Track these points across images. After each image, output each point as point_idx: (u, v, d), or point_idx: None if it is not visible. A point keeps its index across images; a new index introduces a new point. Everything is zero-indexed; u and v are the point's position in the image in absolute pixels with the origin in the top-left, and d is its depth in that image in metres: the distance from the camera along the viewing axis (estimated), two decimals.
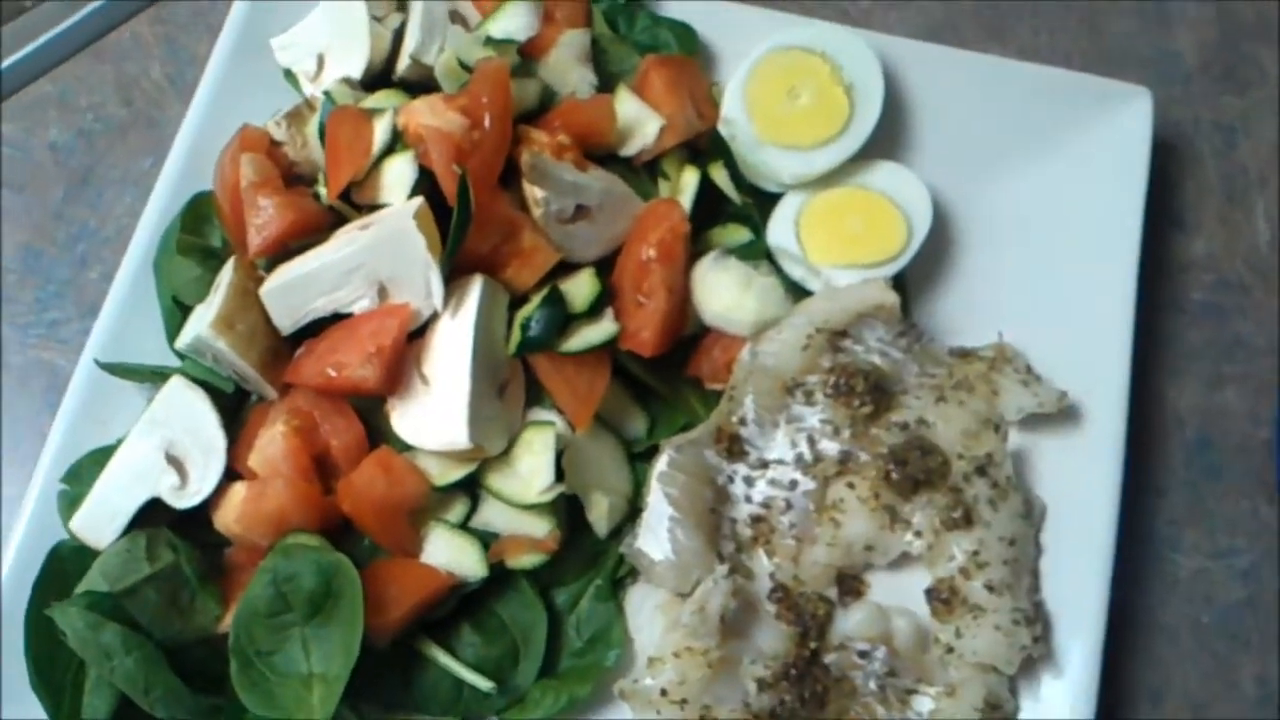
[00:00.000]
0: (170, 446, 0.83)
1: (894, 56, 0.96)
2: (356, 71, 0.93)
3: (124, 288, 0.90)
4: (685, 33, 0.98)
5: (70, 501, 0.84)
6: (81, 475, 0.85)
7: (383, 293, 0.83)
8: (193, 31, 1.06)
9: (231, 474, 0.84)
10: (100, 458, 0.85)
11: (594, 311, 0.85)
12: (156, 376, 0.87)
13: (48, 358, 0.96)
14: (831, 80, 0.94)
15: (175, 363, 0.88)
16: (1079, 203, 0.94)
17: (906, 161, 0.96)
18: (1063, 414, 0.87)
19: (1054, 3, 1.07)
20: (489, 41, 0.90)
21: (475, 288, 0.83)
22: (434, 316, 0.83)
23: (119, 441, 0.86)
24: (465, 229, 0.81)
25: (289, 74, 0.97)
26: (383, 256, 0.82)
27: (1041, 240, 0.94)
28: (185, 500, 0.82)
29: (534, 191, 0.85)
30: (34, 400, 0.95)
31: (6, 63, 1.03)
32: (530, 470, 0.83)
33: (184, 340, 0.85)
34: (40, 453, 0.89)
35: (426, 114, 0.85)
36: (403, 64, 0.93)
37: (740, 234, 0.93)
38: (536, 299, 0.84)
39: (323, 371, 0.82)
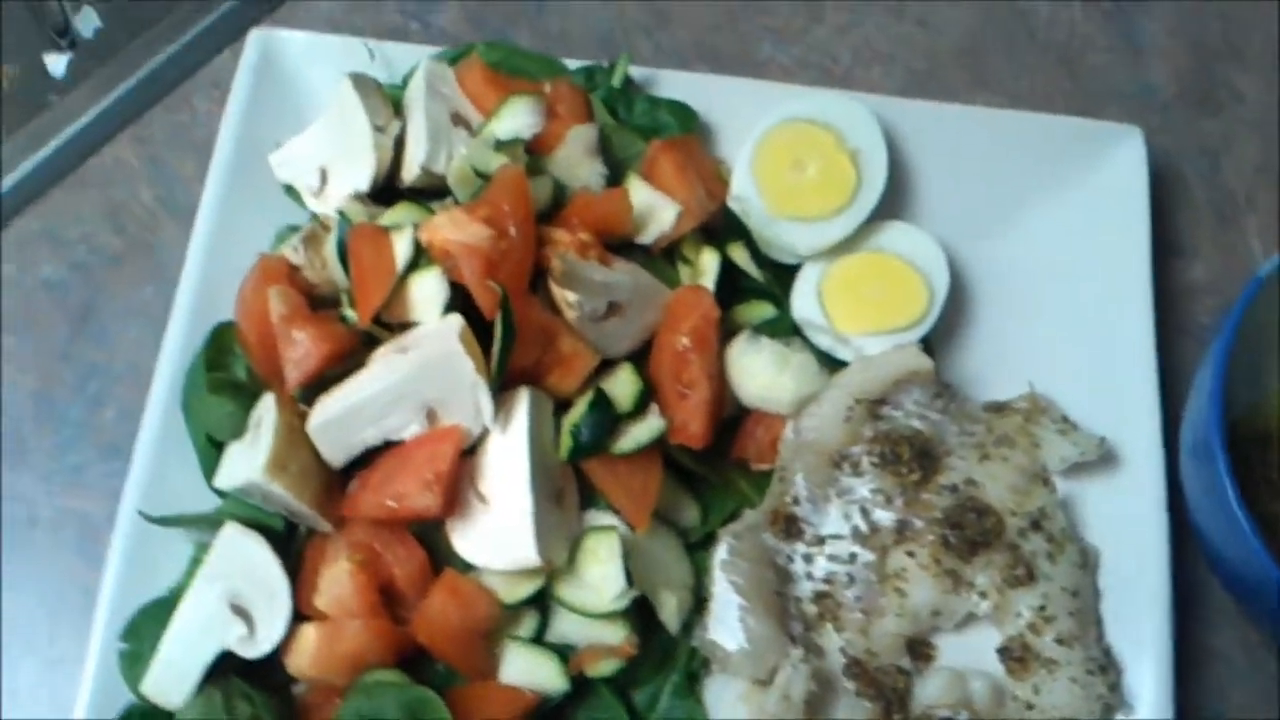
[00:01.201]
0: (233, 597, 0.81)
1: (891, 116, 0.97)
2: (364, 184, 0.92)
3: (152, 432, 0.88)
4: (684, 112, 0.98)
5: (133, 660, 0.83)
6: (140, 632, 0.84)
7: (431, 415, 0.82)
8: (176, 149, 1.04)
9: (296, 614, 0.83)
10: (157, 612, 0.84)
11: (639, 409, 0.86)
12: (205, 522, 0.85)
13: (76, 505, 0.94)
14: (836, 148, 0.95)
15: (214, 500, 0.87)
16: (1085, 244, 0.96)
17: (912, 219, 0.98)
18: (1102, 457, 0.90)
19: (1031, 45, 1.09)
20: (499, 145, 0.90)
21: (523, 400, 0.83)
22: (484, 433, 0.83)
23: (172, 592, 0.85)
24: (511, 345, 0.81)
25: (290, 189, 0.96)
26: (430, 381, 0.81)
27: (1054, 284, 0.96)
28: (255, 649, 0.81)
29: (566, 295, 0.84)
30: (69, 551, 0.93)
31: None
32: (599, 578, 0.83)
33: (230, 482, 0.84)
34: (85, 605, 0.88)
35: (451, 229, 0.84)
36: (411, 173, 0.92)
37: (764, 310, 0.94)
38: (583, 403, 0.84)
39: (382, 504, 0.81)
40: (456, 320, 0.82)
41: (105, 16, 1.08)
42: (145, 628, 0.84)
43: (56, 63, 1.13)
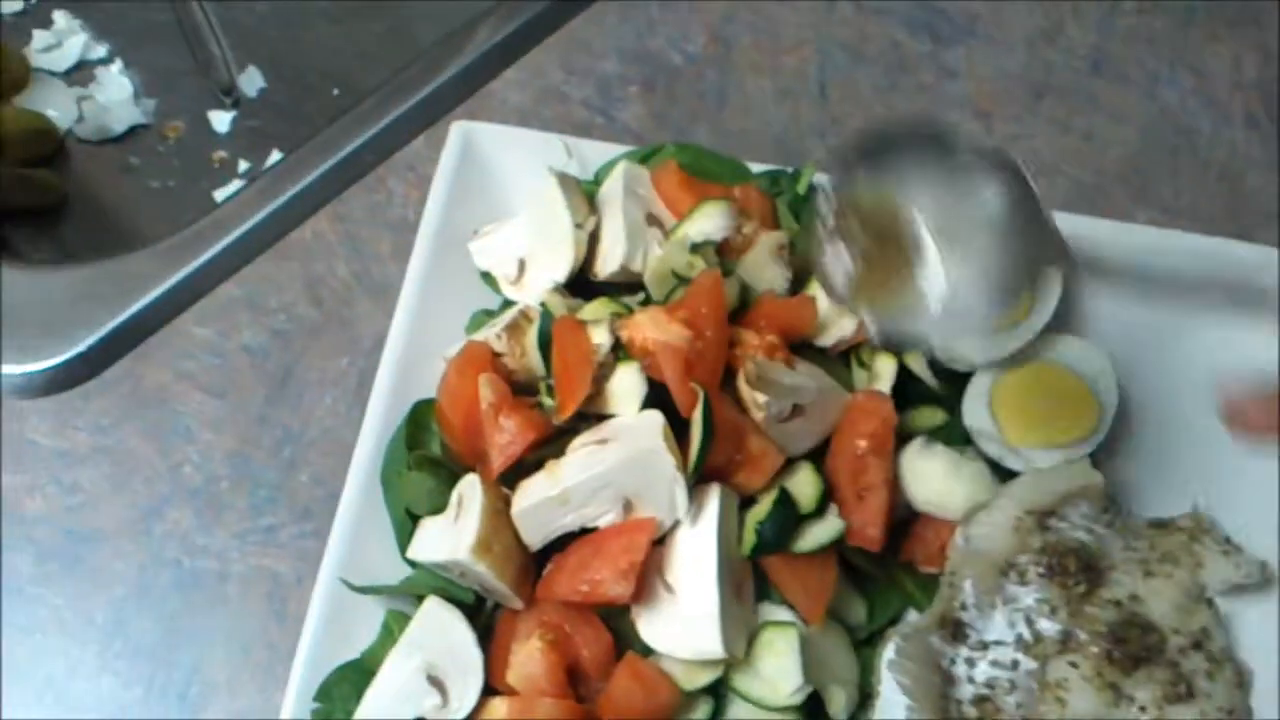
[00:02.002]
0: (430, 668, 0.86)
1: (1061, 230, 1.01)
2: (562, 276, 0.97)
3: (353, 504, 0.93)
4: None
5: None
6: (332, 693, 0.88)
7: (627, 506, 0.86)
8: (372, 227, 1.09)
9: (486, 687, 0.87)
10: (349, 674, 0.88)
11: (820, 509, 0.89)
12: (401, 592, 0.90)
13: (267, 564, 0.99)
14: None
15: (405, 570, 0.92)
16: (1246, 361, 0.99)
17: (1079, 331, 1.01)
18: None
19: (1192, 163, 1.13)
20: (693, 247, 0.94)
21: (714, 497, 0.87)
22: (674, 525, 0.87)
23: (363, 656, 0.89)
24: (710, 444, 0.85)
25: (486, 276, 1.01)
26: (630, 474, 0.85)
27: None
28: (448, 718, 0.85)
29: (756, 397, 0.88)
30: (258, 608, 0.97)
31: (193, 266, 1.06)
32: (776, 671, 0.86)
33: (429, 556, 0.88)
34: (271, 661, 0.93)
35: (651, 328, 0.89)
36: (607, 269, 0.97)
37: (937, 416, 0.97)
38: (767, 502, 0.88)
39: (576, 589, 0.85)
40: (659, 417, 0.86)
41: (269, 77, 1.17)
42: (337, 689, 0.88)
43: (220, 120, 1.21)
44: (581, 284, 0.99)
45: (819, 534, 0.88)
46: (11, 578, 0.98)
